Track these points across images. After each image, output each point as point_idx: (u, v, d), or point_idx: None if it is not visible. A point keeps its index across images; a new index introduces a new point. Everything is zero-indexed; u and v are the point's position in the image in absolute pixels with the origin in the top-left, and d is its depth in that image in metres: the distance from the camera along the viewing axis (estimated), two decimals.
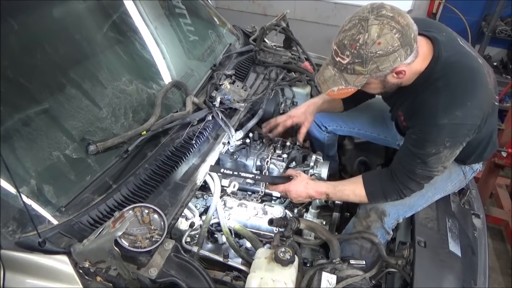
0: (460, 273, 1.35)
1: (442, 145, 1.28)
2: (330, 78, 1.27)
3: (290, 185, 1.52)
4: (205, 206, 1.71)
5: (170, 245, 1.17)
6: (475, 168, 1.62)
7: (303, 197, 1.52)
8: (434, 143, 1.29)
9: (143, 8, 1.81)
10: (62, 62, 1.41)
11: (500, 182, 3.12)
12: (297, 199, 1.54)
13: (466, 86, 1.27)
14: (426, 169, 1.35)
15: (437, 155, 1.30)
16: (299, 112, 1.79)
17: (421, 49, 1.26)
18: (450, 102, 1.25)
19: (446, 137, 1.27)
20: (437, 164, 1.33)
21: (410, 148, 1.36)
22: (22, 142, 1.19)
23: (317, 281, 1.19)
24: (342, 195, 1.49)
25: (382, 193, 1.45)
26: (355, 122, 1.90)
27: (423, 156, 1.32)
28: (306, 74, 2.23)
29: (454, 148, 1.31)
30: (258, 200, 1.78)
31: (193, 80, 1.85)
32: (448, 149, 1.30)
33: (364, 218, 1.52)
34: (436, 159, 1.32)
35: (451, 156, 1.34)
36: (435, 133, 1.28)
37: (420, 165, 1.34)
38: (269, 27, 2.30)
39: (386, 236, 1.53)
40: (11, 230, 1.08)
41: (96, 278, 1.08)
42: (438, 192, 1.57)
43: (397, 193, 1.43)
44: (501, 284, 2.63)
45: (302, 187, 1.50)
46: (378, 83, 1.29)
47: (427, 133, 1.30)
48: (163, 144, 1.51)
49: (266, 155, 1.83)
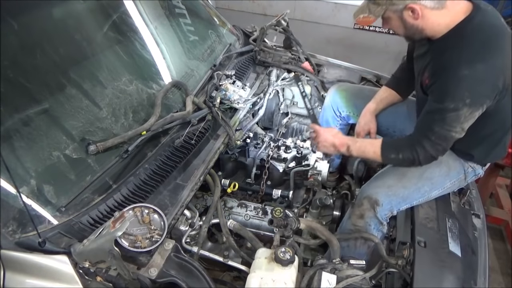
0: (460, 273, 1.35)
1: (461, 101, 1.29)
2: (361, 7, 1.43)
3: (321, 131, 1.64)
4: (205, 206, 1.71)
5: (170, 245, 1.17)
6: (477, 172, 1.62)
7: (329, 143, 1.60)
8: (454, 96, 1.30)
9: (143, 8, 1.81)
10: (62, 62, 1.41)
11: (500, 182, 3.12)
12: (322, 144, 1.62)
13: (491, 45, 1.32)
14: (444, 127, 1.35)
15: (456, 112, 1.31)
16: (362, 125, 1.82)
17: (457, 6, 1.34)
18: (473, 54, 1.29)
19: (465, 91, 1.28)
20: (456, 123, 1.33)
21: (431, 104, 1.38)
22: (22, 142, 1.19)
23: (317, 281, 1.19)
24: (360, 146, 1.56)
25: (396, 146, 1.48)
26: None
27: (443, 112, 1.33)
28: (306, 74, 2.23)
29: (474, 108, 1.31)
30: (258, 200, 1.78)
31: (193, 80, 1.85)
32: (467, 108, 1.30)
33: (357, 207, 1.53)
34: (455, 117, 1.32)
35: (470, 118, 1.33)
36: (455, 84, 1.30)
37: (439, 122, 1.35)
38: (269, 27, 2.30)
39: (380, 227, 1.53)
40: (11, 230, 1.08)
41: (96, 278, 1.08)
42: (436, 188, 1.56)
43: (410, 149, 1.43)
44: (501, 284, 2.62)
45: (330, 135, 1.61)
46: (397, 20, 1.39)
47: (447, 85, 1.32)
48: (163, 144, 1.51)
49: (266, 155, 1.84)
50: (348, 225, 1.55)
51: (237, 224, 1.54)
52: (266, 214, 1.71)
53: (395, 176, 1.56)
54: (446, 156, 1.57)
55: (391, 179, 1.55)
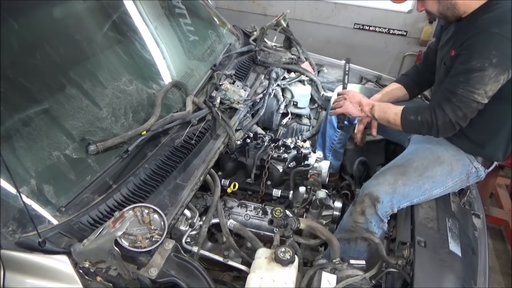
0: (460, 273, 1.35)
1: (488, 60, 1.29)
2: None
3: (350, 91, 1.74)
4: (205, 206, 1.71)
5: (170, 245, 1.17)
6: (479, 174, 1.62)
7: (356, 101, 1.68)
8: (481, 54, 1.31)
9: (143, 8, 1.81)
10: (62, 62, 1.41)
11: (500, 182, 3.12)
12: (349, 101, 1.70)
13: None
14: (467, 88, 1.35)
15: (482, 72, 1.31)
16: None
17: None
18: (502, 18, 1.33)
19: (493, 50, 1.29)
20: (480, 84, 1.33)
21: (456, 67, 1.39)
22: (22, 142, 1.19)
23: (317, 281, 1.19)
24: (383, 107, 1.62)
25: (416, 108, 1.50)
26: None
27: (468, 72, 1.33)
28: (306, 74, 2.23)
29: (500, 70, 1.31)
30: (258, 200, 1.78)
31: (193, 80, 1.85)
32: (493, 68, 1.30)
33: (358, 203, 1.53)
34: (479, 78, 1.32)
35: (495, 81, 1.32)
36: (483, 42, 1.31)
37: (462, 84, 1.35)
38: (269, 27, 2.30)
39: (380, 224, 1.53)
40: (11, 230, 1.08)
41: (96, 278, 1.08)
42: (437, 186, 1.56)
43: (430, 110, 1.44)
44: (501, 284, 2.62)
45: (358, 94, 1.71)
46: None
47: (476, 42, 1.33)
48: (163, 144, 1.51)
49: (266, 155, 1.84)
50: (349, 222, 1.55)
51: (237, 224, 1.54)
52: (266, 214, 1.71)
53: (396, 173, 1.56)
54: (449, 156, 1.57)
55: (392, 177, 1.55)
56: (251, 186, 1.81)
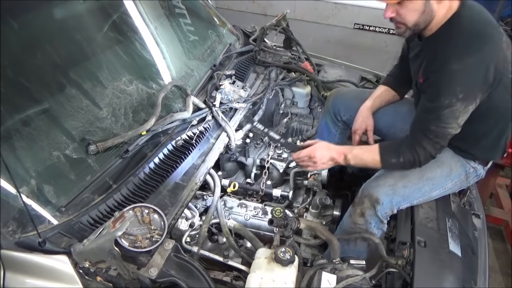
0: (460, 273, 1.35)
1: (454, 96, 1.30)
2: None
3: (315, 149, 1.56)
4: (205, 206, 1.71)
5: (170, 245, 1.17)
6: (478, 173, 1.62)
7: (327, 158, 1.56)
8: (447, 92, 1.31)
9: (143, 8, 1.81)
10: (62, 62, 1.41)
11: (500, 182, 3.12)
12: (321, 161, 1.56)
13: (479, 38, 1.33)
14: (440, 125, 1.36)
15: (451, 108, 1.32)
16: (359, 123, 1.81)
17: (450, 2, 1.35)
18: (463, 49, 1.31)
19: (458, 86, 1.30)
20: (451, 119, 1.34)
21: (425, 104, 1.39)
22: (22, 142, 1.19)
23: (317, 281, 1.19)
24: (358, 154, 1.54)
25: (396, 149, 1.47)
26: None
27: (437, 109, 1.34)
28: (306, 74, 2.23)
29: (467, 102, 1.32)
30: (258, 200, 1.78)
31: (193, 80, 1.85)
32: (461, 103, 1.31)
33: (358, 205, 1.53)
34: (450, 113, 1.33)
35: (465, 113, 1.35)
36: (447, 80, 1.31)
37: (435, 121, 1.36)
38: (269, 27, 2.30)
39: (380, 225, 1.53)
40: (11, 230, 1.08)
41: (96, 278, 1.08)
42: (436, 188, 1.56)
43: (410, 150, 1.43)
44: (501, 284, 2.62)
45: (325, 149, 1.57)
46: (421, 4, 1.33)
47: (439, 81, 1.33)
48: (163, 144, 1.51)
49: (266, 155, 1.84)
50: (349, 223, 1.55)
51: (237, 224, 1.54)
52: (266, 214, 1.71)
53: (396, 175, 1.56)
54: (448, 158, 1.57)
55: (392, 178, 1.55)
56: (251, 186, 1.81)
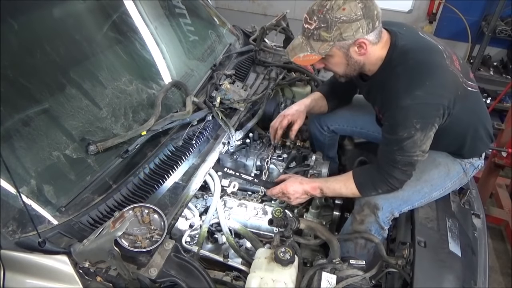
0: (460, 273, 1.35)
1: (412, 128, 1.31)
2: (297, 45, 1.36)
3: (287, 185, 1.56)
4: (205, 206, 1.71)
5: (170, 245, 1.17)
6: (476, 165, 1.62)
7: (300, 193, 1.55)
8: (404, 126, 1.32)
9: (143, 8, 1.81)
10: (62, 62, 1.41)
11: (500, 182, 3.12)
12: (294, 197, 1.56)
13: (422, 67, 1.33)
14: (405, 155, 1.37)
15: (411, 138, 1.33)
16: (293, 111, 1.79)
17: (382, 38, 1.35)
18: (409, 84, 1.31)
19: (413, 119, 1.30)
20: (414, 148, 1.35)
21: (386, 137, 1.41)
22: (22, 142, 1.19)
23: (317, 281, 1.19)
24: (334, 188, 1.53)
25: (372, 184, 1.48)
26: (358, 121, 1.90)
27: (398, 142, 1.35)
28: (306, 74, 2.23)
29: (427, 130, 1.33)
30: (258, 200, 1.78)
31: (193, 80, 1.85)
32: (420, 132, 1.32)
33: (358, 213, 1.53)
34: (411, 143, 1.34)
35: (427, 139, 1.36)
36: (402, 116, 1.32)
37: (398, 152, 1.37)
38: (269, 27, 2.30)
39: (381, 232, 1.53)
40: (11, 230, 1.08)
41: (96, 278, 1.08)
42: (436, 189, 1.56)
43: (384, 182, 1.45)
44: (501, 284, 2.63)
45: (297, 184, 1.55)
46: (341, 57, 1.35)
47: (395, 117, 1.34)
48: (163, 144, 1.51)
49: (266, 155, 1.84)
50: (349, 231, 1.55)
51: (237, 224, 1.54)
52: (266, 214, 1.71)
53: None
54: (444, 158, 1.58)
55: None
56: (251, 186, 1.81)
